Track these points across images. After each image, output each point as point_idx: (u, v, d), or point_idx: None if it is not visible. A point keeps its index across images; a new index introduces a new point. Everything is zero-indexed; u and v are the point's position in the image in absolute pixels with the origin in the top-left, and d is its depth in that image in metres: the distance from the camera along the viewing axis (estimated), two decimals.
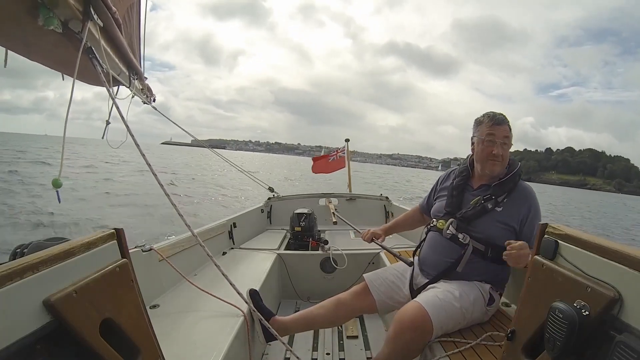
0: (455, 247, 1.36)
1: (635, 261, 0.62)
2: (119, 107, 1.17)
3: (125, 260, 0.80)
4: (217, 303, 1.45)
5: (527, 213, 1.33)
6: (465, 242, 1.34)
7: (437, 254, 1.40)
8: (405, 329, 1.18)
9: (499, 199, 1.35)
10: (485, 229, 1.34)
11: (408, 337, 1.18)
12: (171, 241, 1.76)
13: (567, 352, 0.67)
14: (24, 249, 0.87)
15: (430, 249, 1.45)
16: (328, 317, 1.49)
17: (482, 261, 1.33)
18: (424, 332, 1.18)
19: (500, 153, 1.35)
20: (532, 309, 0.83)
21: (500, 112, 1.39)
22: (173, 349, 1.10)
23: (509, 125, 1.38)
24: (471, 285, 1.31)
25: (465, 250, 1.33)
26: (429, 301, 1.23)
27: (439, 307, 1.21)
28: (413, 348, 1.21)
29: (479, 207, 1.36)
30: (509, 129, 1.37)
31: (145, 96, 2.08)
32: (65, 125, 1.00)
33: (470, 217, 1.36)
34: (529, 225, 1.32)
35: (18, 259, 0.61)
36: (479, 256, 1.33)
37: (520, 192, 1.37)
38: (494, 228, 1.33)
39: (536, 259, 0.85)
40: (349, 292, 1.50)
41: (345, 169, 4.48)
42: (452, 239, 1.37)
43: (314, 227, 2.78)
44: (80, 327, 0.62)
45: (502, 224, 1.33)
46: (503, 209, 1.34)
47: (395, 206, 3.45)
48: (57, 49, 1.06)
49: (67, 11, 0.90)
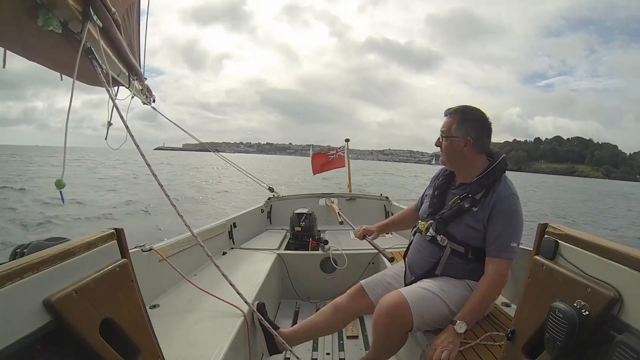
0: (435, 248, 1.33)
1: (635, 261, 0.62)
2: (118, 108, 1.17)
3: (125, 260, 0.80)
4: (217, 303, 1.45)
5: (491, 212, 1.23)
6: (443, 244, 1.31)
7: (420, 256, 1.39)
8: (382, 316, 1.18)
9: (477, 196, 1.26)
10: (460, 230, 1.29)
11: (385, 323, 1.18)
12: (171, 241, 1.76)
13: (567, 352, 0.67)
14: (24, 249, 0.88)
15: (415, 250, 1.44)
16: (328, 323, 1.49)
17: (463, 262, 1.29)
18: (403, 320, 1.17)
19: (438, 144, 1.35)
20: (532, 309, 0.83)
21: (456, 106, 1.34)
22: (173, 349, 1.10)
23: (452, 116, 1.32)
24: (458, 282, 1.30)
25: (444, 252, 1.31)
26: (411, 291, 1.23)
27: (420, 296, 1.20)
28: (394, 336, 1.21)
29: (455, 207, 1.30)
30: (449, 121, 1.32)
31: (145, 97, 2.07)
32: (66, 127, 1.00)
33: (447, 218, 1.31)
34: (490, 226, 1.23)
35: (18, 259, 0.61)
36: (459, 257, 1.29)
37: (496, 189, 1.25)
38: (468, 229, 1.27)
39: (536, 259, 0.85)
40: (346, 295, 1.49)
41: (345, 168, 4.48)
42: (432, 241, 1.34)
43: (314, 227, 2.78)
44: (80, 327, 0.62)
45: (476, 224, 1.26)
46: (479, 208, 1.25)
47: (396, 206, 3.45)
48: (56, 50, 1.06)
49: (67, 12, 0.90)
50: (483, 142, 1.31)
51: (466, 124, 1.29)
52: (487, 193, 1.26)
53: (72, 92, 1.00)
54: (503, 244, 1.21)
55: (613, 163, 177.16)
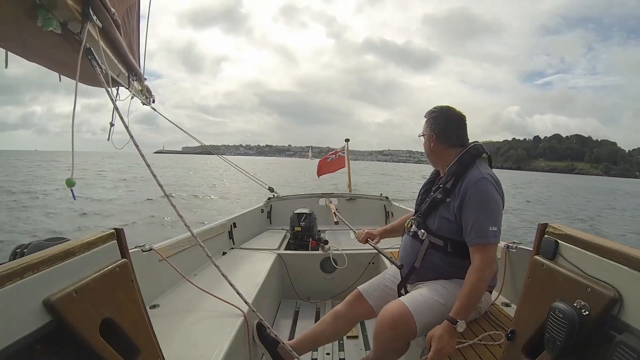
0: (417, 244, 1.35)
1: (635, 261, 0.62)
2: (118, 109, 1.17)
3: (125, 260, 0.80)
4: (217, 303, 1.45)
5: (461, 199, 1.21)
6: (422, 238, 1.32)
7: (407, 253, 1.40)
8: (385, 328, 1.17)
9: (447, 185, 1.26)
10: (435, 222, 1.30)
11: (389, 335, 1.17)
12: (171, 241, 1.76)
13: (567, 352, 0.67)
14: (24, 249, 0.88)
15: (402, 249, 1.46)
16: (329, 331, 1.49)
17: (444, 256, 1.29)
18: (406, 330, 1.17)
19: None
20: (532, 308, 0.83)
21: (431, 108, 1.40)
22: (173, 349, 1.10)
23: (425, 118, 1.40)
24: (452, 282, 1.29)
25: (422, 246, 1.32)
26: (413, 299, 1.22)
27: (422, 304, 1.20)
28: (397, 346, 1.21)
29: (428, 200, 1.33)
30: (425, 123, 1.39)
31: (145, 97, 2.07)
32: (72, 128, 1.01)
33: (425, 212, 1.34)
34: (464, 214, 1.20)
35: (18, 259, 0.62)
36: (439, 251, 1.29)
37: (466, 177, 1.24)
38: (442, 220, 1.27)
39: (536, 259, 0.85)
40: (344, 303, 1.49)
41: (345, 169, 4.48)
42: (414, 237, 1.36)
43: (314, 227, 2.78)
44: (80, 327, 0.62)
45: (448, 215, 1.25)
46: (451, 198, 1.25)
47: (396, 206, 3.45)
48: (56, 50, 1.06)
49: (66, 12, 0.90)
50: (449, 136, 1.33)
51: (431, 122, 1.36)
52: (457, 181, 1.25)
53: (75, 93, 1.00)
54: (480, 229, 1.17)
55: (612, 160, 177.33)
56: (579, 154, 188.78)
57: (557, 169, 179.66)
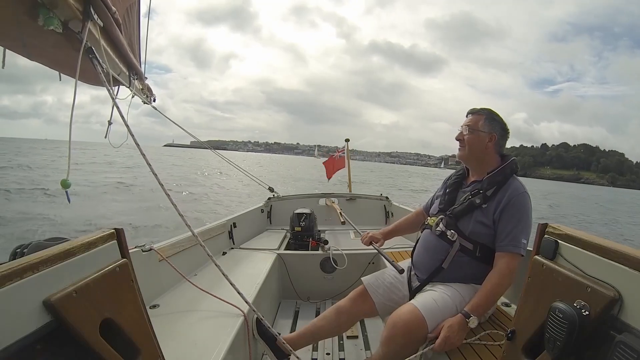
0: (444, 244, 1.34)
1: (635, 261, 0.62)
2: (119, 108, 1.17)
3: (125, 260, 0.79)
4: (217, 303, 1.45)
5: (504, 207, 1.25)
6: (453, 239, 1.31)
7: (428, 252, 1.39)
8: (398, 333, 1.16)
9: (488, 193, 1.29)
10: (470, 225, 1.31)
11: (401, 341, 1.16)
12: (171, 241, 1.76)
13: (567, 352, 0.67)
14: (24, 249, 0.87)
15: (422, 247, 1.44)
16: (331, 327, 1.48)
17: (471, 260, 1.30)
18: (419, 336, 1.17)
19: (460, 138, 1.39)
20: (532, 309, 0.83)
21: (480, 107, 1.41)
22: (173, 349, 1.10)
23: (477, 114, 1.38)
24: (468, 287, 1.30)
25: (452, 248, 1.32)
26: (426, 304, 1.21)
27: (435, 310, 1.20)
28: (407, 351, 1.20)
29: (466, 203, 1.33)
30: (475, 118, 1.38)
31: (145, 96, 2.07)
32: (70, 127, 1.01)
33: (458, 213, 1.33)
34: (502, 221, 1.25)
35: (18, 259, 0.61)
36: (468, 255, 1.30)
37: (506, 187, 1.29)
38: (478, 225, 1.29)
39: (536, 259, 0.85)
40: (348, 298, 1.49)
41: (345, 168, 4.48)
42: (441, 236, 1.35)
43: (314, 227, 2.78)
44: (80, 327, 0.62)
45: (486, 220, 1.28)
46: (489, 205, 1.28)
47: (396, 206, 3.45)
48: (57, 49, 1.06)
49: (67, 11, 0.90)
50: (502, 144, 1.38)
51: (493, 122, 1.36)
52: (498, 190, 1.29)
53: (74, 93, 1.00)
54: (515, 239, 1.22)
55: (619, 171, 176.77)
56: (586, 163, 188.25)
57: (563, 177, 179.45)
